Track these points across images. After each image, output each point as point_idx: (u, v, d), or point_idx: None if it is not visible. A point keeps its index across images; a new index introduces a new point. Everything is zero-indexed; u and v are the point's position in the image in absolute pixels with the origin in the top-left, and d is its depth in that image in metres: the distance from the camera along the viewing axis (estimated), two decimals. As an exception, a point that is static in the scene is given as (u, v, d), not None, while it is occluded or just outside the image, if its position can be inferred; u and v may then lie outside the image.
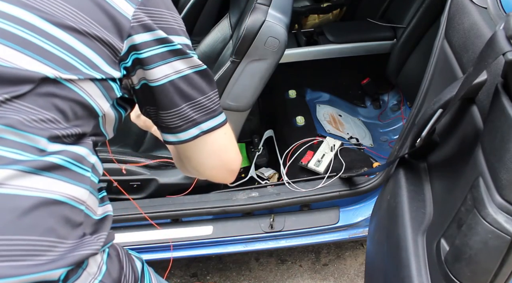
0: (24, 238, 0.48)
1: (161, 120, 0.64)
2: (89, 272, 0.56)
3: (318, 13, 2.38)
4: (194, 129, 0.64)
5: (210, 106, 0.65)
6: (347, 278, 1.85)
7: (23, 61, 0.50)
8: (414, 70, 1.95)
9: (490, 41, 0.67)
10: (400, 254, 0.91)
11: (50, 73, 0.51)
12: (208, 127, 0.66)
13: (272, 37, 1.31)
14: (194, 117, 0.64)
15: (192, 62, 0.63)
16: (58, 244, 0.51)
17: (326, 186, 1.55)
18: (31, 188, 0.49)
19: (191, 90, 0.63)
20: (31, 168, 0.49)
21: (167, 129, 0.65)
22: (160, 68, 0.59)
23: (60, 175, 0.52)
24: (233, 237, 1.58)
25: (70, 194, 0.53)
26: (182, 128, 0.64)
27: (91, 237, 0.56)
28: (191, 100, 0.63)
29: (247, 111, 1.51)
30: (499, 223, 0.66)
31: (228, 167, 0.71)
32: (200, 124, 0.64)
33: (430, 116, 0.91)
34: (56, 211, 0.51)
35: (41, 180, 0.50)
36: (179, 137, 0.65)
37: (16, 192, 0.48)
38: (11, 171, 0.48)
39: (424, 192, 1.02)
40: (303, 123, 1.96)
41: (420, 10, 1.89)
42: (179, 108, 0.62)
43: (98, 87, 0.56)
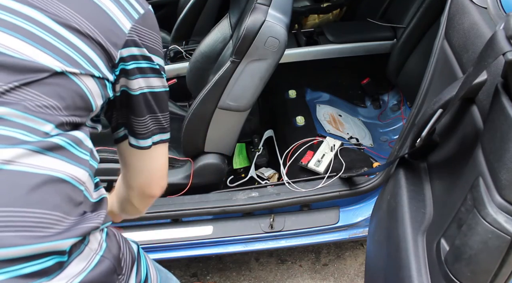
0: (34, 211, 0.51)
1: (131, 124, 0.72)
2: (91, 248, 0.59)
3: (318, 13, 2.38)
4: (149, 139, 0.74)
5: (163, 123, 0.75)
6: (347, 278, 1.85)
7: (34, 53, 0.54)
8: (414, 70, 1.95)
9: (490, 41, 0.67)
10: (400, 254, 0.91)
11: (57, 67, 0.56)
12: (157, 139, 0.75)
13: (272, 37, 1.31)
14: (151, 128, 0.73)
15: (163, 82, 0.72)
16: (63, 219, 0.54)
17: (326, 186, 1.55)
18: (38, 166, 0.53)
19: (155, 105, 0.71)
20: (38, 147, 0.53)
21: (133, 134, 0.73)
22: (138, 80, 0.67)
23: (62, 155, 0.56)
24: (233, 237, 1.58)
25: (72, 173, 0.57)
26: (144, 136, 0.73)
27: (92, 213, 0.61)
28: (153, 113, 0.72)
29: (247, 111, 1.51)
30: (499, 223, 0.66)
31: (161, 182, 0.80)
32: (153, 135, 0.74)
33: (430, 116, 0.91)
34: (61, 189, 0.55)
35: (46, 159, 0.54)
36: (140, 143, 0.74)
37: (25, 169, 0.51)
38: (20, 150, 0.51)
39: (424, 192, 1.02)
40: (303, 123, 1.96)
41: (420, 10, 1.89)
42: (145, 118, 0.71)
43: (96, 84, 0.61)
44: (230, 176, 1.76)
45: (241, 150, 1.87)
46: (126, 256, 0.66)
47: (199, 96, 1.46)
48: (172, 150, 1.77)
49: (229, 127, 1.55)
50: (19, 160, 0.51)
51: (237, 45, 1.33)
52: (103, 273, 0.60)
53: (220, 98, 1.44)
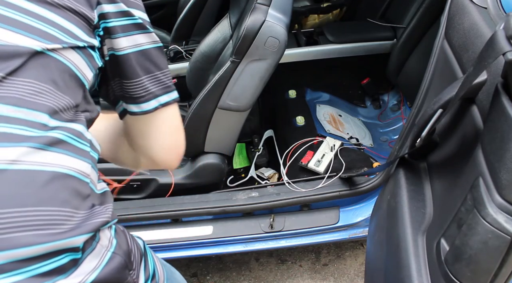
0: (45, 209, 0.51)
1: (126, 90, 0.67)
2: (102, 244, 0.59)
3: (318, 13, 2.39)
4: (153, 101, 0.67)
5: (165, 81, 0.69)
6: (347, 278, 1.85)
7: (10, 36, 0.52)
8: (414, 70, 1.95)
9: (490, 41, 0.67)
10: (400, 254, 0.91)
11: (37, 46, 0.53)
12: (165, 100, 0.69)
13: (272, 37, 1.31)
14: (152, 90, 0.67)
15: (152, 37, 0.67)
16: (73, 214, 0.54)
17: (326, 186, 1.55)
18: (43, 163, 0.52)
19: (149, 64, 0.66)
20: (40, 144, 0.52)
21: (131, 100, 0.67)
22: (122, 39, 0.63)
23: (65, 149, 0.55)
24: (233, 237, 1.58)
25: (77, 167, 0.56)
26: (144, 99, 0.67)
27: (100, 207, 0.60)
28: (150, 73, 0.66)
29: (247, 111, 1.51)
30: (499, 223, 0.66)
31: (178, 149, 0.73)
32: (158, 97, 0.68)
33: (430, 116, 0.91)
34: (68, 184, 0.54)
35: (50, 155, 0.53)
36: (142, 107, 0.68)
37: (32, 167, 0.51)
38: (24, 148, 0.50)
39: (424, 192, 1.02)
40: (303, 123, 1.96)
41: (420, 10, 1.89)
42: (140, 79, 0.66)
43: (80, 55, 0.59)
44: (230, 176, 1.76)
45: (241, 150, 1.87)
46: (135, 251, 0.66)
47: (199, 96, 1.46)
48: (172, 150, 1.77)
49: (229, 127, 1.56)
50: (23, 159, 0.50)
51: (237, 45, 1.33)
52: (116, 269, 0.60)
53: (220, 98, 1.44)
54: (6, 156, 0.49)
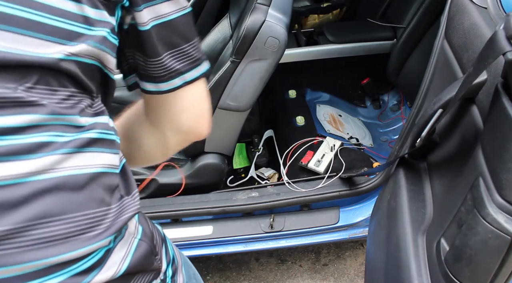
0: (84, 214, 0.50)
1: (142, 67, 0.60)
2: (130, 232, 0.59)
3: (318, 13, 2.39)
4: (177, 79, 0.60)
5: (193, 54, 0.60)
6: (347, 278, 1.85)
7: (26, 43, 0.46)
8: (414, 70, 1.95)
9: (490, 41, 0.67)
10: (400, 254, 0.91)
11: (59, 54, 0.48)
12: (191, 77, 0.61)
13: (272, 37, 1.31)
14: (176, 67, 0.59)
15: (178, 3, 0.58)
16: (108, 211, 0.53)
17: (326, 186, 1.55)
18: (78, 166, 0.50)
19: (174, 37, 0.58)
20: (74, 148, 0.50)
21: (148, 78, 0.60)
22: (144, 12, 0.55)
23: (98, 147, 0.53)
24: (233, 237, 1.58)
25: (108, 162, 0.55)
26: (165, 78, 0.59)
27: (128, 197, 0.58)
28: (175, 48, 0.58)
29: (247, 111, 1.51)
30: (499, 223, 0.66)
31: (202, 126, 0.66)
32: (184, 74, 0.60)
33: (430, 116, 0.91)
34: (101, 182, 0.53)
35: (84, 156, 0.51)
36: (160, 87, 0.60)
37: (69, 172, 0.49)
38: (59, 156, 0.48)
39: (424, 192, 1.02)
40: (303, 123, 1.96)
41: (420, 10, 1.89)
42: (160, 58, 0.58)
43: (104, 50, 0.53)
44: (230, 176, 1.76)
45: (241, 150, 1.87)
46: (156, 237, 0.65)
47: (199, 96, 1.46)
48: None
49: (229, 127, 1.56)
50: (60, 166, 0.48)
51: (237, 45, 1.33)
52: (144, 256, 0.59)
53: (220, 98, 1.44)
54: (42, 165, 0.47)
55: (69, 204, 0.49)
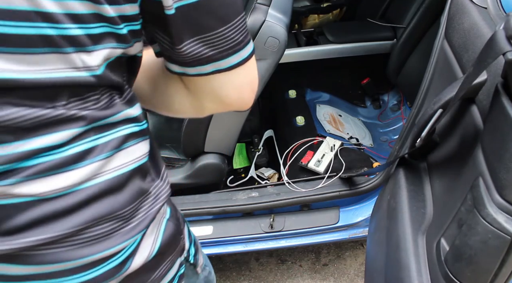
0: (128, 208, 0.52)
1: (168, 51, 0.53)
2: (160, 212, 0.59)
3: (318, 13, 2.39)
4: (207, 66, 0.52)
5: (234, 37, 0.51)
6: (347, 278, 1.85)
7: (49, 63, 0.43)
8: (414, 70, 1.95)
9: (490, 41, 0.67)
10: (400, 254, 0.91)
11: (88, 71, 0.45)
12: (228, 64, 0.53)
13: (272, 37, 1.31)
14: (208, 54, 0.51)
15: None
16: (145, 199, 0.55)
17: (326, 186, 1.55)
18: (118, 166, 0.51)
19: (206, 20, 0.49)
20: (113, 149, 0.50)
21: (173, 61, 0.54)
22: None
23: (132, 141, 0.53)
24: (233, 237, 1.58)
25: (142, 153, 0.55)
26: (192, 64, 0.52)
27: (159, 180, 0.59)
28: (206, 32, 0.49)
29: (247, 111, 1.51)
30: (499, 223, 0.66)
31: (245, 102, 0.59)
32: (217, 61, 0.52)
33: (430, 116, 0.91)
34: (139, 174, 0.54)
35: (122, 155, 0.51)
36: (187, 71, 0.53)
37: (111, 175, 0.50)
38: (101, 161, 0.49)
39: (424, 192, 1.02)
40: (303, 123, 1.96)
41: (420, 10, 1.89)
42: (186, 43, 0.50)
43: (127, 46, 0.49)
44: (230, 176, 1.76)
45: (241, 150, 1.87)
46: (180, 217, 0.67)
47: (199, 96, 1.46)
48: (172, 150, 1.77)
49: (229, 127, 1.55)
50: (103, 170, 0.49)
51: (237, 45, 1.33)
52: (172, 234, 0.60)
53: (220, 98, 1.44)
54: (89, 172, 0.48)
55: (114, 203, 0.50)
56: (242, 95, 0.58)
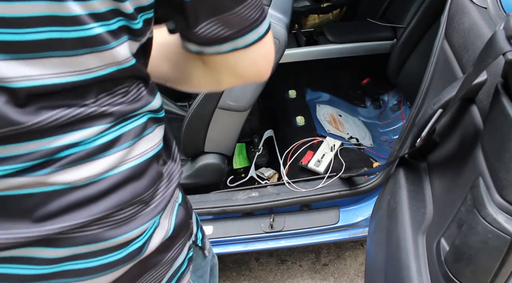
0: (149, 192, 0.55)
1: (184, 31, 0.54)
2: (174, 196, 0.62)
3: (318, 13, 2.39)
4: (224, 45, 0.53)
5: (250, 16, 0.52)
6: (347, 278, 1.85)
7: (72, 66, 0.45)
8: (414, 70, 1.95)
9: (490, 41, 0.67)
10: (400, 254, 0.91)
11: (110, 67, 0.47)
12: (245, 43, 0.54)
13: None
14: (225, 34, 0.52)
15: None
16: (161, 181, 0.57)
17: (326, 186, 1.55)
18: (140, 153, 0.53)
19: (223, 0, 0.50)
20: (135, 138, 0.52)
21: (190, 40, 0.55)
22: None
23: (151, 128, 0.55)
24: (233, 237, 1.58)
25: (159, 138, 0.57)
26: (209, 44, 0.53)
27: (171, 161, 0.61)
28: (222, 13, 0.50)
29: (247, 111, 1.51)
30: (499, 223, 0.66)
31: (262, 75, 0.60)
32: (235, 40, 0.53)
33: (430, 116, 0.91)
34: (157, 158, 0.57)
35: (143, 142, 0.54)
36: (205, 50, 0.55)
37: (134, 163, 0.53)
38: (126, 149, 0.52)
39: (424, 192, 1.02)
40: (303, 123, 1.96)
41: (420, 10, 1.89)
42: (203, 25, 0.51)
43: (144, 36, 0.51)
44: (230, 176, 1.76)
45: (241, 150, 1.87)
46: (189, 203, 0.69)
47: (199, 96, 1.46)
48: (172, 150, 1.77)
49: (229, 127, 1.55)
50: (127, 157, 0.51)
51: (237, 45, 1.33)
52: (184, 219, 0.63)
53: (220, 98, 1.44)
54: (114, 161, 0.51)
55: (137, 188, 0.53)
56: (259, 68, 0.59)
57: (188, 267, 0.65)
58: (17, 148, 0.45)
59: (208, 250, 0.76)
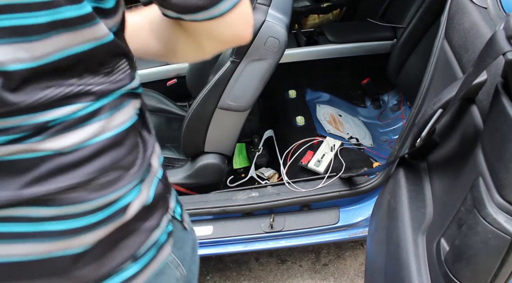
0: (128, 159, 0.60)
1: (159, 2, 0.57)
2: (153, 170, 0.66)
3: (318, 13, 2.39)
4: (199, 14, 0.56)
5: None
6: (347, 278, 1.85)
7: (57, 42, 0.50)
8: (414, 70, 1.95)
9: (490, 41, 0.67)
10: (400, 254, 0.91)
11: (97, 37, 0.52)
12: (220, 11, 0.57)
13: (272, 37, 1.31)
14: (198, 3, 0.55)
15: None
16: (138, 149, 0.62)
17: (326, 186, 1.55)
18: (119, 123, 0.58)
19: None
20: (114, 108, 0.57)
21: (167, 9, 0.58)
22: None
23: (127, 103, 0.60)
24: (233, 237, 1.58)
25: (135, 110, 0.62)
26: (184, 12, 0.57)
27: (147, 134, 0.65)
28: None
29: (247, 111, 1.51)
30: (499, 223, 0.66)
31: (242, 37, 0.63)
32: (209, 9, 0.56)
33: (430, 116, 0.91)
34: (134, 129, 0.61)
35: (121, 113, 0.58)
36: (183, 17, 0.58)
37: (113, 132, 0.57)
38: (105, 120, 0.56)
39: (424, 192, 1.02)
40: (303, 123, 1.96)
41: (420, 10, 1.89)
42: None
43: None
44: (230, 176, 1.76)
45: (241, 150, 1.87)
46: (169, 185, 0.72)
47: (199, 96, 1.46)
48: (172, 150, 1.77)
49: (229, 127, 1.56)
50: (106, 127, 0.56)
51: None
52: (162, 193, 0.67)
53: (220, 98, 1.44)
54: (94, 130, 0.55)
55: (117, 156, 0.58)
56: (238, 32, 0.62)
57: (168, 241, 0.69)
58: (10, 121, 0.50)
59: (187, 223, 0.79)
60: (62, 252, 0.57)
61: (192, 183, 1.61)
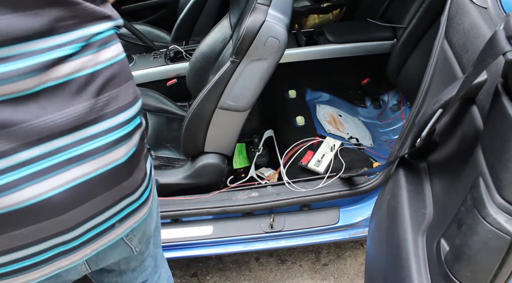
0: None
1: None
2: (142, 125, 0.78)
3: (318, 13, 2.38)
4: None
5: None
6: (347, 278, 1.85)
7: None
8: (414, 70, 1.95)
9: (490, 41, 0.67)
10: (400, 254, 0.91)
11: None
12: None
13: (272, 37, 1.31)
14: None
15: None
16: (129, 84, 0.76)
17: (326, 186, 1.55)
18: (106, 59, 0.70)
19: None
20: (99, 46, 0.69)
21: None
22: None
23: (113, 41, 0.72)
24: (233, 237, 1.58)
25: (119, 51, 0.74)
26: None
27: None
28: None
29: (247, 111, 1.51)
30: (499, 223, 0.66)
31: None
32: None
33: (430, 116, 0.91)
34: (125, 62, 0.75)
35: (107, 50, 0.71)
36: None
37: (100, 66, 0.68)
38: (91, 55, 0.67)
39: (424, 192, 1.02)
40: (303, 123, 1.96)
41: (420, 10, 1.89)
42: None
43: None
44: (230, 176, 1.76)
45: (241, 150, 1.87)
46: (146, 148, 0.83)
47: (199, 96, 1.46)
48: (172, 150, 1.77)
49: (229, 127, 1.56)
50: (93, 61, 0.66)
51: (237, 45, 1.33)
52: (142, 147, 0.79)
53: (220, 98, 1.44)
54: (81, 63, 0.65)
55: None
56: None
57: (145, 204, 0.81)
58: (68, 36, 0.63)
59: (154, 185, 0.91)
60: (112, 165, 0.68)
61: (192, 183, 1.61)
